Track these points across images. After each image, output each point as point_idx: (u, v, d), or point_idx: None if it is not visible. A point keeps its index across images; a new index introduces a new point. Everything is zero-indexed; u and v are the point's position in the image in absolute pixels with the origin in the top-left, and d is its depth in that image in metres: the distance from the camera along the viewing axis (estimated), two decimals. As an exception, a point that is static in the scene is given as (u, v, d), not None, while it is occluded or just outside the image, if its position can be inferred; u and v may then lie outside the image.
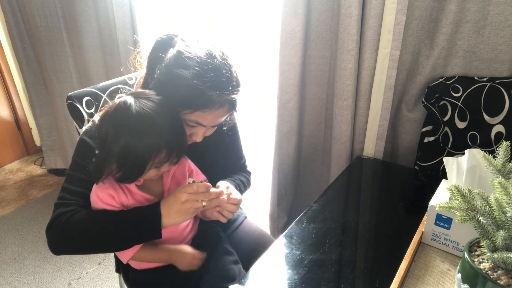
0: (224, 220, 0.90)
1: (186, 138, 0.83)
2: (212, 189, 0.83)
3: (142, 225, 0.79)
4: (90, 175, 0.81)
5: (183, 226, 0.92)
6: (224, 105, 0.83)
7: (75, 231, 0.77)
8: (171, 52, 0.82)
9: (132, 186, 0.83)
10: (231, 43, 1.67)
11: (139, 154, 0.74)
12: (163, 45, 0.86)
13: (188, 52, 0.79)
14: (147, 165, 0.76)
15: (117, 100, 0.77)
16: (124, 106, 0.75)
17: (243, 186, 1.08)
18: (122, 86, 1.17)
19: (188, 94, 0.78)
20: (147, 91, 0.82)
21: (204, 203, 0.81)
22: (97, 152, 0.79)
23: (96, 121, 0.80)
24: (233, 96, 0.83)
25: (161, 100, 0.79)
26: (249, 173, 1.18)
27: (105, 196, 0.80)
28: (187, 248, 0.90)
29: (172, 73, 0.79)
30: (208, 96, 0.78)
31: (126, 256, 0.85)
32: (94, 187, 0.82)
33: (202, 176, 1.00)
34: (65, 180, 0.84)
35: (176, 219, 0.80)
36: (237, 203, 0.90)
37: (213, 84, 0.78)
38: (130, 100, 0.76)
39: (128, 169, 0.76)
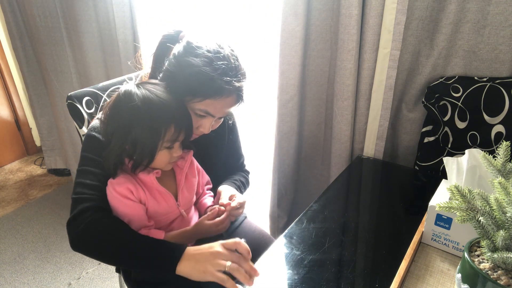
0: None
1: (191, 118, 0.84)
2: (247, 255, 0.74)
3: (155, 260, 0.74)
4: (102, 169, 0.81)
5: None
6: (233, 93, 0.84)
7: (94, 238, 0.76)
8: (179, 45, 0.83)
9: (153, 179, 0.82)
10: (231, 43, 1.67)
11: (149, 133, 0.75)
12: (170, 39, 0.87)
13: (197, 41, 0.81)
14: (158, 143, 0.77)
15: (120, 90, 0.79)
16: (127, 91, 0.77)
17: (243, 187, 1.08)
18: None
19: (198, 82, 0.79)
20: (151, 80, 0.83)
21: (228, 263, 0.70)
22: (108, 143, 0.79)
23: (102, 114, 0.81)
24: (242, 83, 0.84)
25: (165, 85, 0.81)
26: (247, 173, 1.18)
27: (123, 191, 0.80)
28: (205, 221, 0.87)
29: (182, 62, 0.80)
30: (218, 83, 0.79)
31: None
32: (110, 182, 0.81)
33: (206, 177, 1.01)
34: (78, 176, 0.83)
35: (190, 270, 0.71)
36: (241, 207, 0.91)
37: (223, 72, 0.79)
38: (132, 86, 0.78)
39: (141, 151, 0.77)
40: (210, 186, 1.04)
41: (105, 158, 0.79)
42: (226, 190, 0.95)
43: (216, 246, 0.72)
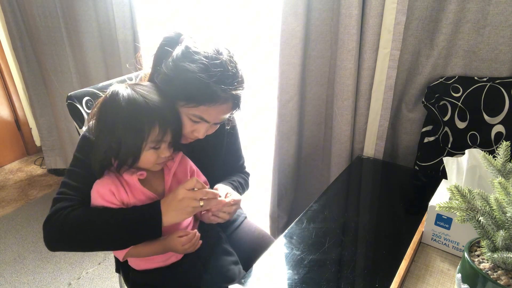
0: (221, 221, 0.90)
1: (181, 120, 0.84)
2: (209, 189, 0.83)
3: (142, 223, 0.79)
4: (91, 172, 0.81)
5: (184, 226, 0.92)
6: (228, 101, 0.83)
7: (73, 227, 0.77)
8: (178, 48, 0.83)
9: (135, 181, 0.82)
10: (231, 43, 1.67)
11: (132, 132, 0.76)
12: (170, 42, 0.87)
13: (195, 47, 0.81)
14: (142, 143, 0.77)
15: (107, 91, 0.80)
16: (114, 92, 0.77)
17: (241, 188, 1.08)
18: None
19: (193, 88, 0.79)
20: (143, 82, 0.84)
21: (201, 203, 0.80)
22: (95, 142, 0.80)
23: (90, 114, 0.82)
24: (238, 91, 0.84)
25: (157, 88, 0.81)
26: (247, 174, 1.17)
27: (106, 193, 0.80)
28: (176, 236, 0.85)
29: (178, 66, 0.80)
30: (213, 91, 0.79)
31: (121, 252, 0.85)
32: (95, 183, 0.82)
33: (203, 178, 1.00)
34: (66, 176, 0.84)
35: (175, 218, 0.80)
36: (235, 203, 0.90)
37: (219, 79, 0.79)
38: (119, 87, 0.78)
39: (125, 150, 0.77)
40: (207, 187, 1.04)
41: (92, 157, 0.80)
42: (221, 188, 0.94)
43: (179, 193, 0.79)
